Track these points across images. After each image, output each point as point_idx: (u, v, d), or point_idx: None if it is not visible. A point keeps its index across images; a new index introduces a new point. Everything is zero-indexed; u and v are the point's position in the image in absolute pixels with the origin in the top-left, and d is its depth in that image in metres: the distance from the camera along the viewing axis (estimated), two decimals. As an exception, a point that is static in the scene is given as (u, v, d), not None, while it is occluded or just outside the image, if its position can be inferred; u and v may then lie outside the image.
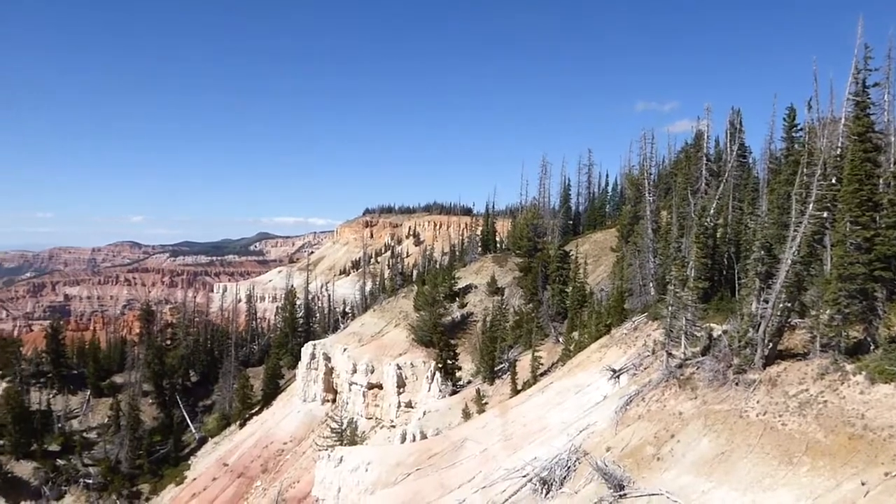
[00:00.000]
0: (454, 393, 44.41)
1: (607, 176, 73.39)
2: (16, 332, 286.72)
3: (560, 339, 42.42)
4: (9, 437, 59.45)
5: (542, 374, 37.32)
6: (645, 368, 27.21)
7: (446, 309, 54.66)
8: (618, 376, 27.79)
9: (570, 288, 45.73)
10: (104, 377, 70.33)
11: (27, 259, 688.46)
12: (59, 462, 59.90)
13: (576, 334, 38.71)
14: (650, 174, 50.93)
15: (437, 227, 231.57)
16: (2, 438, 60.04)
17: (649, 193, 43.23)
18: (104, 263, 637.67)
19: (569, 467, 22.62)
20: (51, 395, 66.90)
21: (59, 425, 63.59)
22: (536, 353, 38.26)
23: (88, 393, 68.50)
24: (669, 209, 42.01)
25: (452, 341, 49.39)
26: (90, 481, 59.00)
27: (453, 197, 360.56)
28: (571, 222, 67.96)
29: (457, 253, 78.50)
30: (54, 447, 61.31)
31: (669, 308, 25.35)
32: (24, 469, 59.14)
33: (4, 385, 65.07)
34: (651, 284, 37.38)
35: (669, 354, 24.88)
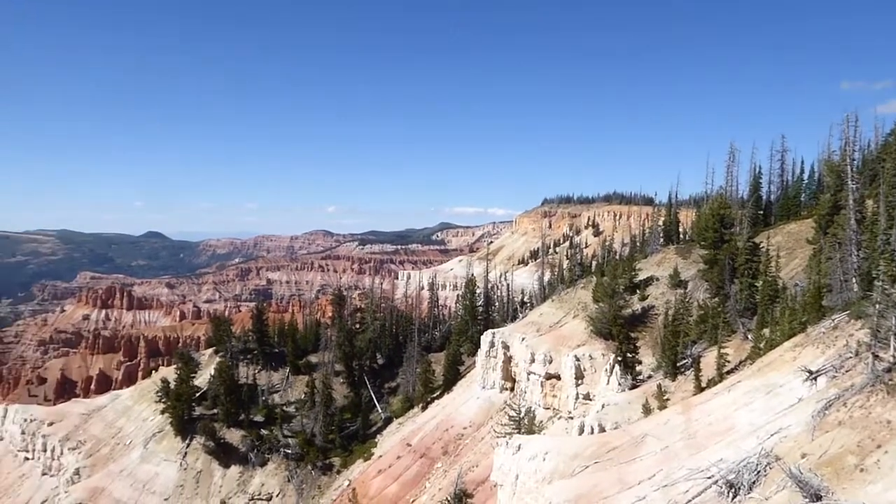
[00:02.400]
0: (634, 387, 43.50)
1: (802, 162, 67.45)
2: (227, 312, 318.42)
3: (748, 336, 40.23)
4: (221, 407, 66.31)
5: (728, 372, 35.65)
6: (846, 371, 25.18)
7: (626, 301, 53.52)
8: (815, 378, 25.95)
9: (761, 282, 43.13)
10: (301, 356, 76.10)
11: (236, 246, 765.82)
12: (263, 432, 65.87)
13: (766, 331, 36.50)
14: (853, 160, 46.72)
15: (617, 217, 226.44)
16: (216, 407, 67.09)
17: (852, 181, 39.67)
18: (301, 251, 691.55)
19: (758, 472, 21.53)
20: (256, 371, 73.61)
21: (263, 398, 69.87)
22: (722, 350, 36.56)
23: (288, 370, 74.49)
24: (876, 198, 38.30)
25: (632, 334, 48.41)
26: (289, 451, 64.38)
27: (634, 186, 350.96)
28: (762, 212, 63.64)
29: (637, 244, 76.59)
30: (259, 418, 67.48)
31: (876, 306, 23.25)
32: (233, 436, 65.70)
33: (218, 360, 72.51)
34: (854, 280, 34.40)
35: (876, 357, 22.86)
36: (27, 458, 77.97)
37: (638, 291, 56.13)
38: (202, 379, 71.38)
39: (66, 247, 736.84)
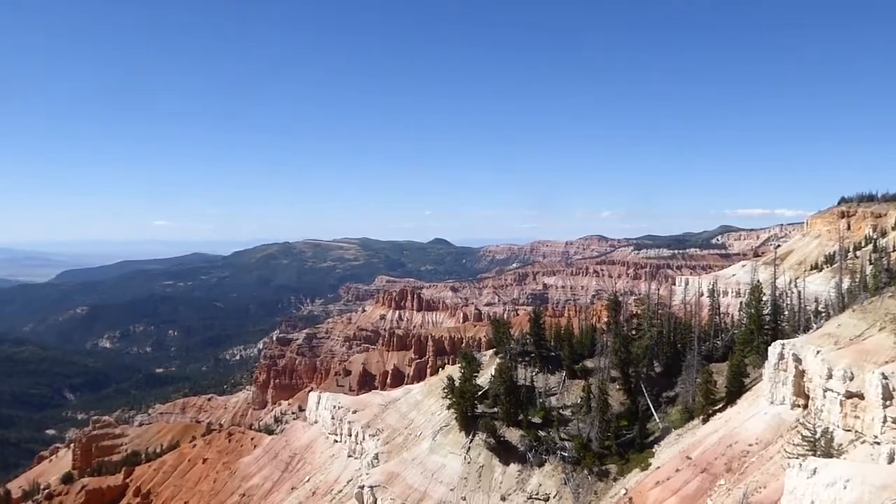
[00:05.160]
0: (959, 413, 37.69)
1: None
2: (505, 315, 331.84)
3: None
4: (501, 406, 69.33)
5: None
6: None
7: (949, 313, 46.49)
8: None
9: None
10: (577, 361, 76.74)
11: (513, 252, 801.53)
12: (541, 433, 67.52)
13: None
14: None
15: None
16: (496, 406, 70.38)
17: None
18: (575, 256, 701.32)
19: None
20: (533, 373, 75.74)
21: (540, 400, 71.65)
22: None
23: (564, 374, 75.56)
24: None
25: (957, 352, 41.90)
26: (566, 454, 65.20)
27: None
28: None
29: (964, 246, 65.94)
30: (536, 419, 69.30)
31: None
32: (512, 435, 68.27)
33: (498, 361, 75.97)
34: None
35: None
36: (336, 441, 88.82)
37: (965, 302, 48.48)
38: (483, 378, 75.29)
39: (366, 253, 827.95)
